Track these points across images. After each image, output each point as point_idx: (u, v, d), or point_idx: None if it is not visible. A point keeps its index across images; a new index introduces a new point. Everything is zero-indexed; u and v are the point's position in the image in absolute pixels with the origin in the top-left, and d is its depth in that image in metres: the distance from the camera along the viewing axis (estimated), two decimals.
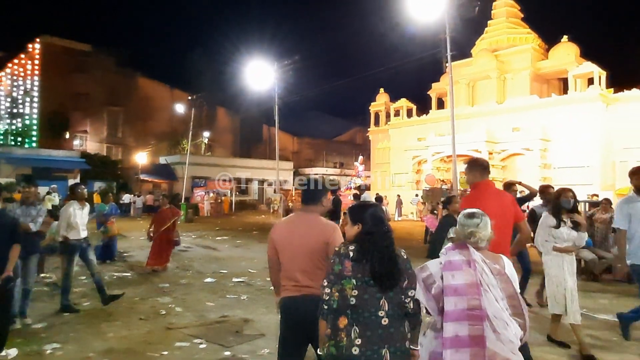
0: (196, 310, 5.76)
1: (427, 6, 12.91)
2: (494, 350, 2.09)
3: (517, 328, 2.17)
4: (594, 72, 24.01)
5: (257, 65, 22.13)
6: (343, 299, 2.08)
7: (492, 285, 2.17)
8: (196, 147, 40.46)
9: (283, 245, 2.75)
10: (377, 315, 2.05)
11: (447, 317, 2.16)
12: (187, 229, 17.39)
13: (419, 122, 31.62)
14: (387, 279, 2.07)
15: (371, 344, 2.02)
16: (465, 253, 2.25)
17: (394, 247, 2.17)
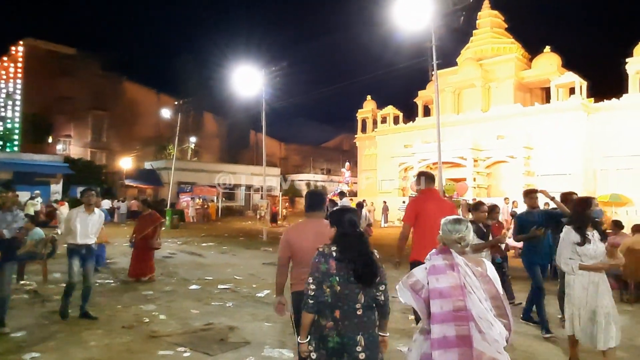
0: (180, 318, 5.68)
1: (414, 15, 13.08)
2: (480, 349, 2.18)
3: (501, 328, 2.27)
4: (575, 82, 24.55)
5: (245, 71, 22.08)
6: (328, 293, 2.38)
7: (475, 287, 2.27)
8: (182, 152, 40.15)
9: (299, 245, 3.10)
10: (355, 307, 2.37)
11: (434, 319, 2.26)
12: (173, 235, 17.20)
13: (406, 129, 31.91)
14: (369, 277, 2.39)
15: (348, 331, 2.36)
16: (448, 257, 2.35)
17: (370, 248, 2.48)
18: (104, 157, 38.98)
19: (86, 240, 5.52)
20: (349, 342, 2.34)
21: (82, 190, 5.93)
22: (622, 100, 23.57)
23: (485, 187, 26.19)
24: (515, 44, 30.73)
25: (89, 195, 5.67)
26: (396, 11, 13.39)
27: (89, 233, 5.55)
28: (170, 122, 32.85)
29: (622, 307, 6.71)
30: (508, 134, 25.65)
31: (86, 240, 5.52)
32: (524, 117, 25.71)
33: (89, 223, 5.54)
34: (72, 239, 5.47)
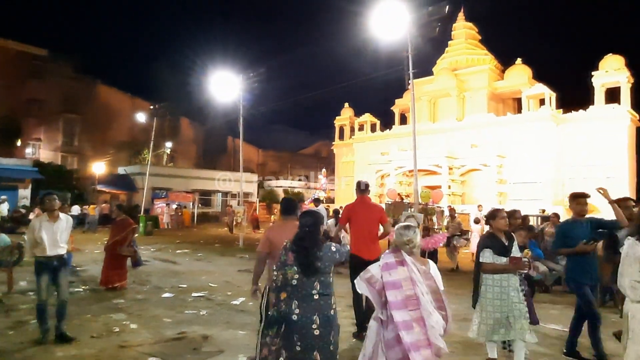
0: (152, 327, 5.56)
1: (391, 25, 13.29)
2: (430, 333, 2.59)
3: (439, 318, 2.70)
4: (545, 94, 25.42)
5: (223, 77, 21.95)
6: (285, 280, 2.88)
7: (419, 281, 2.72)
8: (158, 157, 39.45)
9: (278, 243, 3.57)
10: (312, 293, 2.86)
11: (392, 307, 2.67)
12: (146, 242, 16.83)
13: (383, 137, 32.30)
14: (308, 268, 2.86)
15: (306, 312, 2.83)
16: (398, 255, 2.81)
17: (317, 246, 2.93)
18: (75, 161, 37.93)
19: (57, 251, 5.01)
20: (307, 321, 2.82)
21: (43, 195, 5.31)
22: (589, 111, 24.53)
23: (460, 195, 26.71)
24: (489, 55, 31.62)
25: (50, 200, 5.09)
26: (373, 21, 13.59)
27: (59, 242, 5.03)
28: (145, 127, 32.30)
29: None
30: (482, 142, 26.30)
31: (57, 251, 5.01)
32: (496, 126, 26.43)
33: (56, 231, 5.02)
34: (41, 252, 4.91)
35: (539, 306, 7.19)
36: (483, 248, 4.05)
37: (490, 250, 3.99)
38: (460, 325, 5.99)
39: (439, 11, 13.17)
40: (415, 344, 2.59)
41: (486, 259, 4.03)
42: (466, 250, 15.66)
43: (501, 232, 4.12)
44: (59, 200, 5.22)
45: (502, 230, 4.14)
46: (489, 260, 4.00)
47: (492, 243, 4.05)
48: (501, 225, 4.14)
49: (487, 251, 3.99)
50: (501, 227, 4.14)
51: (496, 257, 4.00)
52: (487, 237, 4.14)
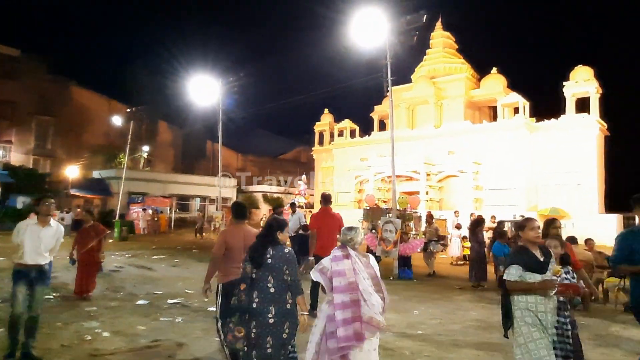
0: (126, 335, 5.44)
1: (370, 33, 13.45)
2: (364, 311, 3.27)
3: (378, 298, 3.38)
4: (519, 102, 26.09)
5: (202, 81, 21.77)
6: (245, 273, 3.37)
7: (361, 270, 3.41)
8: (134, 161, 38.72)
9: (232, 244, 4.21)
10: (267, 286, 3.30)
11: (335, 290, 3.33)
12: (121, 248, 16.48)
13: (362, 143, 32.54)
14: (258, 263, 3.34)
15: (264, 303, 3.27)
16: (344, 250, 3.49)
17: (264, 247, 3.41)
18: (48, 165, 36.87)
19: (37, 260, 4.55)
20: (264, 311, 3.25)
21: (38, 197, 4.88)
22: (560, 120, 25.30)
23: (437, 201, 27.10)
24: (465, 64, 32.29)
25: (48, 204, 4.65)
26: (353, 28, 13.74)
27: (42, 251, 4.58)
28: (121, 130, 31.67)
29: None
30: (459, 149, 26.78)
31: (37, 260, 4.55)
32: (473, 133, 26.97)
33: (41, 238, 4.57)
34: (19, 259, 4.51)
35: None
36: (510, 264, 3.45)
37: (519, 267, 3.35)
38: (437, 327, 6.08)
39: (417, 20, 13.42)
40: (344, 321, 3.23)
41: (512, 276, 3.37)
42: (443, 255, 15.90)
43: (535, 245, 3.48)
44: None
45: (534, 242, 3.49)
46: (514, 278, 3.35)
47: (522, 258, 3.40)
48: (531, 236, 3.48)
49: (514, 267, 3.36)
50: (532, 239, 3.48)
51: (528, 275, 3.33)
52: (517, 252, 3.51)
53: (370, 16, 13.00)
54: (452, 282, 10.57)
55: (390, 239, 10.94)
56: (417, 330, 5.98)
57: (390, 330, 5.92)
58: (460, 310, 7.32)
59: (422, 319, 6.62)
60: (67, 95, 38.73)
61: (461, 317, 6.85)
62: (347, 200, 31.10)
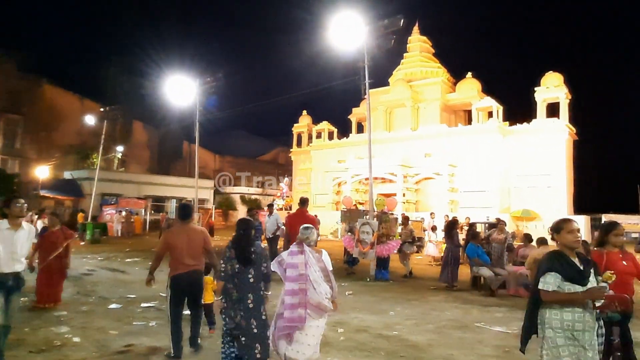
0: (97, 340, 5.31)
1: (348, 35, 13.54)
2: (312, 297, 3.88)
3: (326, 287, 4.00)
4: (493, 106, 26.72)
5: (179, 80, 21.44)
6: (232, 270, 3.98)
7: (313, 264, 4.00)
8: (108, 162, 37.82)
9: (175, 244, 4.68)
10: (248, 277, 3.98)
11: (287, 279, 3.97)
12: (93, 251, 16.09)
13: (340, 145, 32.68)
14: (244, 261, 3.98)
15: (244, 291, 3.95)
16: (300, 247, 4.08)
17: (250, 245, 4.06)
18: (16, 165, 35.61)
19: (14, 267, 4.23)
20: (244, 297, 3.94)
21: (7, 199, 4.52)
22: (532, 124, 26.04)
23: (414, 202, 27.46)
24: (442, 68, 32.87)
25: (20, 205, 4.33)
26: (331, 30, 13.80)
27: (18, 256, 4.25)
28: (95, 130, 30.89)
29: None
30: (435, 152, 27.21)
31: (14, 267, 4.23)
32: (448, 136, 27.45)
33: (16, 243, 4.22)
34: None
35: (484, 310, 7.54)
36: (546, 271, 2.91)
37: (557, 275, 2.85)
38: (413, 328, 6.16)
39: (394, 24, 13.56)
40: (292, 305, 3.86)
41: (549, 285, 2.85)
42: (419, 256, 16.11)
43: (572, 252, 2.98)
44: None
45: (572, 248, 2.99)
46: (552, 288, 2.84)
47: (560, 265, 2.89)
48: (569, 241, 2.98)
49: (551, 275, 2.85)
50: (569, 244, 2.98)
51: (567, 285, 2.85)
52: (553, 257, 2.96)
53: (348, 19, 13.08)
54: (428, 282, 10.72)
55: (367, 240, 11.02)
56: (393, 331, 6.05)
57: (366, 331, 5.98)
58: (435, 311, 7.43)
59: (398, 320, 6.70)
60: (37, 93, 37.52)
61: (436, 317, 6.96)
62: (325, 201, 31.17)
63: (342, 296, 8.66)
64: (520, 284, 8.78)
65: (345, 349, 5.18)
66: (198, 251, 4.75)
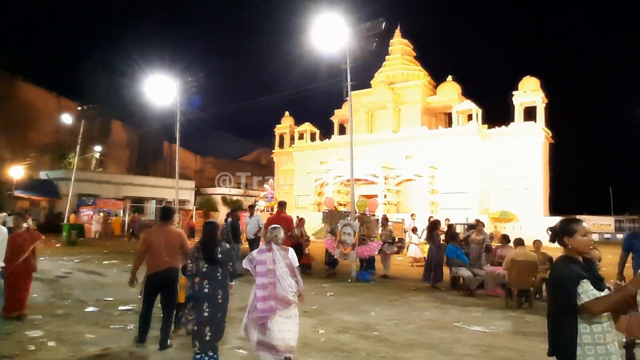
0: (73, 344, 5.20)
1: (330, 37, 13.59)
2: (279, 290, 4.27)
3: (292, 281, 4.35)
4: (472, 110, 27.19)
5: (159, 80, 21.14)
6: (198, 268, 4.32)
7: (280, 260, 4.36)
8: (85, 162, 37.02)
9: (155, 242, 5.02)
10: (217, 275, 4.35)
11: (258, 275, 4.32)
12: (69, 253, 15.72)
13: (322, 147, 32.75)
14: (210, 260, 4.33)
15: (214, 288, 4.31)
16: (268, 245, 4.44)
17: (216, 246, 4.42)
18: None
19: None
20: (214, 293, 4.30)
21: None
22: (510, 127, 26.59)
23: (395, 204, 27.70)
24: (423, 71, 33.29)
25: None
26: (314, 32, 13.83)
27: None
28: (72, 129, 30.22)
29: (507, 314, 7.49)
30: (416, 154, 27.53)
31: None
32: (429, 139, 27.81)
33: None
34: None
35: (463, 309, 7.67)
36: (578, 278, 2.37)
37: (588, 281, 2.40)
38: (393, 328, 6.22)
39: (376, 27, 13.66)
40: (263, 297, 4.28)
41: (589, 293, 2.33)
42: (400, 257, 16.27)
43: (580, 257, 2.55)
44: None
45: (585, 253, 2.57)
46: (594, 296, 2.33)
47: (583, 271, 2.44)
48: (583, 245, 2.52)
49: (587, 282, 2.37)
50: (583, 249, 2.54)
51: (592, 292, 2.36)
52: (572, 263, 2.48)
53: (331, 21, 13.13)
54: (409, 283, 10.83)
55: (349, 241, 11.07)
56: (374, 331, 6.09)
57: (347, 332, 6.01)
58: (415, 311, 7.52)
59: (378, 320, 6.75)
60: (11, 91, 36.51)
61: (416, 317, 7.05)
62: (306, 203, 31.17)
63: (323, 297, 8.68)
64: (498, 284, 8.95)
65: (325, 349, 5.20)
66: (175, 251, 5.05)
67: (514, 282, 7.97)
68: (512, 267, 7.96)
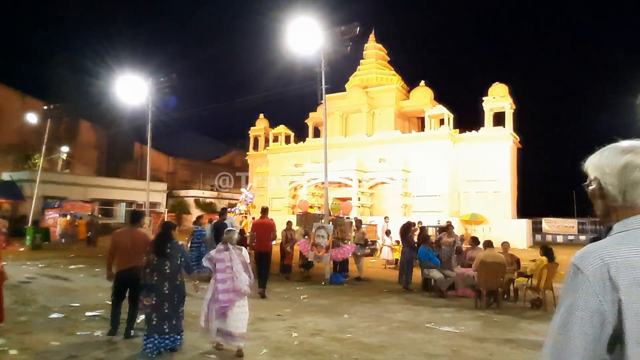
0: (37, 353, 5.01)
1: (305, 41, 13.64)
2: (236, 283, 5.02)
3: (246, 276, 5.14)
4: (444, 114, 27.75)
5: (130, 79, 20.66)
6: (150, 261, 4.98)
7: (235, 258, 5.12)
8: (51, 163, 35.74)
9: (122, 243, 5.69)
10: (165, 268, 4.94)
11: (218, 271, 5.08)
12: (33, 257, 15.14)
13: (296, 149, 32.72)
14: (160, 254, 4.98)
15: (161, 280, 4.91)
16: (225, 245, 5.23)
17: (167, 242, 5.07)
18: None
19: None
20: (161, 285, 4.91)
21: None
22: (480, 132, 27.28)
23: (369, 207, 27.94)
24: (396, 76, 33.76)
25: None
26: (289, 35, 13.84)
27: None
28: (37, 129, 29.13)
29: (476, 314, 7.67)
30: (389, 157, 27.86)
31: None
32: (402, 142, 28.21)
33: None
34: None
35: (434, 310, 7.81)
36: None
37: None
38: (366, 330, 6.28)
39: (351, 31, 13.80)
40: (224, 290, 5.00)
41: None
42: (373, 259, 16.42)
43: None
44: None
45: None
46: None
47: None
48: None
49: None
50: None
51: None
52: None
53: (306, 24, 13.18)
54: (382, 285, 10.94)
55: (323, 244, 11.10)
56: (347, 333, 6.13)
57: (320, 334, 6.02)
58: (387, 313, 7.60)
59: (351, 322, 6.80)
60: None
61: (388, 319, 7.13)
62: (281, 205, 31.06)
63: (296, 300, 8.68)
64: (468, 285, 9.15)
65: (298, 352, 5.20)
66: (140, 252, 5.45)
67: (483, 283, 8.18)
68: (481, 268, 8.17)
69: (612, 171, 1.17)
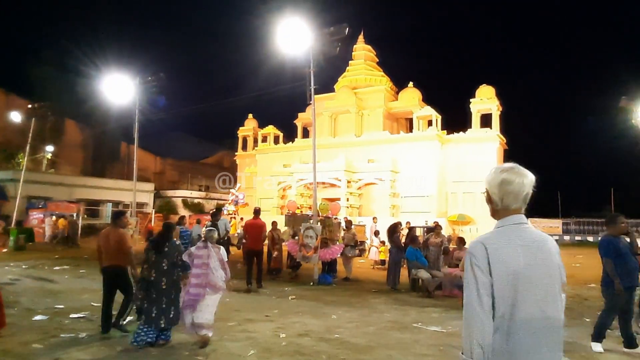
0: (19, 356, 4.92)
1: (295, 41, 13.63)
2: (211, 279, 5.45)
3: (222, 272, 5.59)
4: (432, 115, 27.95)
5: (117, 78, 20.42)
6: (148, 258, 5.39)
7: (213, 255, 5.57)
8: (36, 162, 35.16)
9: (102, 243, 6.00)
10: (162, 265, 5.34)
11: (194, 266, 5.53)
12: (17, 259, 14.88)
13: (285, 149, 32.66)
14: (159, 251, 5.40)
15: (158, 276, 5.31)
16: (204, 243, 5.67)
17: (165, 241, 5.48)
18: None
19: None
20: (158, 281, 5.29)
21: None
22: (467, 133, 27.54)
23: (357, 207, 28.00)
24: (385, 77, 33.89)
25: None
26: (278, 35, 13.82)
27: None
28: (21, 128, 28.65)
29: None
30: (378, 158, 27.95)
31: None
32: (391, 143, 28.33)
33: None
34: None
35: (422, 310, 7.87)
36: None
37: None
38: (354, 330, 6.30)
39: (340, 32, 13.84)
40: (197, 284, 5.44)
41: None
42: (362, 260, 16.46)
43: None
44: None
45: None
46: None
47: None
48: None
49: None
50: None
51: None
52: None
53: (295, 25, 13.18)
54: (370, 285, 10.98)
55: (311, 244, 11.11)
56: (335, 334, 6.14)
57: (308, 335, 6.03)
58: (375, 313, 7.64)
59: (339, 323, 6.81)
60: None
61: (376, 319, 7.16)
62: (269, 205, 30.97)
63: (285, 300, 8.66)
64: (455, 285, 9.23)
65: (286, 353, 5.19)
66: (117, 250, 5.84)
67: None
68: None
69: (494, 184, 1.78)
